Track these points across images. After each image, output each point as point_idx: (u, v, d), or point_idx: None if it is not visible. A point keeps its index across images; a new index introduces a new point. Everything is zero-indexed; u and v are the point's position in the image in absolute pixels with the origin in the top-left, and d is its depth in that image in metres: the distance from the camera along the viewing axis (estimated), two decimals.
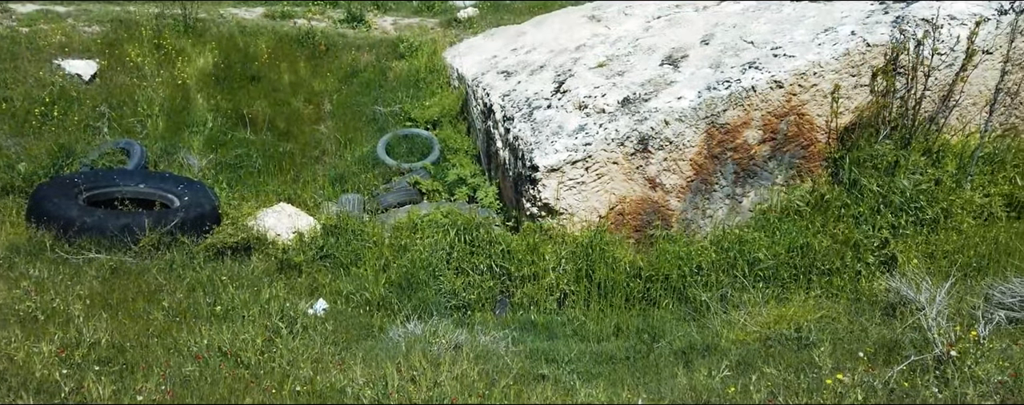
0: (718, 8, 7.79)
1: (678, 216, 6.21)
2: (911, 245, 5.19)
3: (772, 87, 6.03)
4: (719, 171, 6.20)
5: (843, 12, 6.61)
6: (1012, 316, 3.84)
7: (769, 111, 6.06)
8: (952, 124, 6.04)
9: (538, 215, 6.24)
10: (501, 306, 5.76)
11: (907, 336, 3.74)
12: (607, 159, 6.10)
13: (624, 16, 8.44)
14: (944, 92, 5.97)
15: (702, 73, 6.43)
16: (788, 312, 4.61)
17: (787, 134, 6.12)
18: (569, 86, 6.87)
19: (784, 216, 5.86)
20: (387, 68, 8.83)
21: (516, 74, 7.58)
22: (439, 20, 10.55)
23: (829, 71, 5.99)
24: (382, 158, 7.61)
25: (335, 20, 10.27)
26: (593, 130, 6.20)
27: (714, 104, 6.04)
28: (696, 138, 6.08)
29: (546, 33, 8.57)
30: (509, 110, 6.96)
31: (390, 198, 7.10)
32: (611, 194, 6.13)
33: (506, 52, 8.32)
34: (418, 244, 6.07)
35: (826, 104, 6.03)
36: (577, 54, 7.57)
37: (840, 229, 5.49)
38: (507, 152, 6.81)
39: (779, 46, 6.37)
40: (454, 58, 8.66)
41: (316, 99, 8.39)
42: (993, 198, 5.52)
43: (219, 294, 5.07)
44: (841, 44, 6.07)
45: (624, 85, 6.60)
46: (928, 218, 5.40)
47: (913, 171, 5.65)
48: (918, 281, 4.28)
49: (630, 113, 6.24)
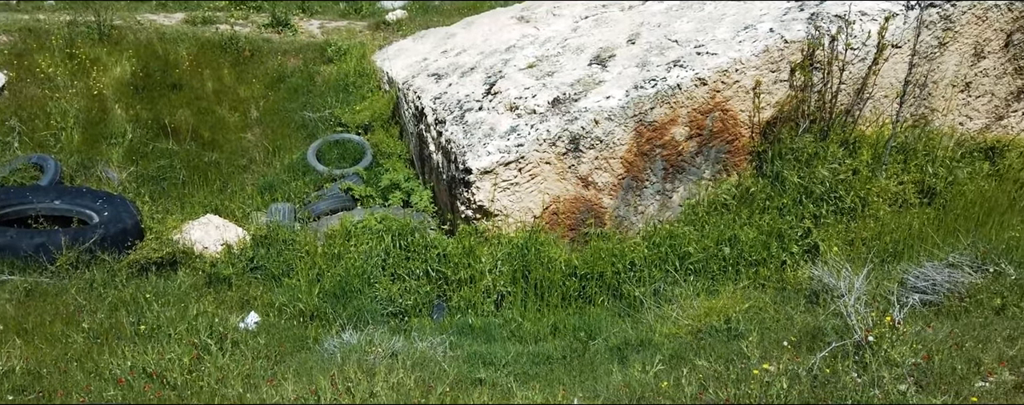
0: (643, 8, 7.91)
1: (611, 214, 6.29)
2: (832, 233, 5.39)
3: (697, 85, 6.16)
4: (649, 168, 6.30)
5: (762, 10, 6.80)
6: (925, 299, 4.03)
7: (695, 108, 6.19)
8: (866, 116, 6.28)
9: (473, 217, 6.23)
10: (438, 310, 5.73)
11: (829, 323, 3.88)
12: (540, 159, 6.14)
13: (553, 17, 8.50)
14: (858, 85, 6.21)
15: (629, 72, 6.53)
16: (718, 304, 4.72)
17: (713, 130, 6.26)
18: (500, 88, 6.88)
19: (712, 210, 6.00)
20: (315, 73, 8.67)
21: (447, 76, 7.54)
22: (367, 23, 10.41)
23: (750, 68, 6.16)
24: (313, 165, 7.47)
25: (259, 25, 10.01)
26: (525, 131, 6.23)
27: (642, 102, 6.14)
28: (626, 136, 6.17)
29: (476, 34, 8.56)
30: (441, 113, 6.93)
31: (322, 206, 6.97)
32: (545, 194, 6.17)
33: (436, 54, 8.28)
34: (352, 251, 5.99)
35: (748, 100, 6.20)
36: (507, 55, 7.58)
37: (765, 220, 5.67)
38: (440, 155, 6.78)
39: (702, 44, 6.51)
40: (384, 61, 8.56)
41: (242, 106, 8.18)
42: (906, 186, 5.77)
43: (143, 312, 4.89)
44: (760, 41, 6.25)
45: (554, 85, 6.65)
46: (847, 207, 5.61)
47: (831, 162, 5.86)
48: (838, 268, 4.45)
49: (561, 113, 6.29)
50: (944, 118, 6.33)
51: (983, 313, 3.71)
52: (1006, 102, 6.59)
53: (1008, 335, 3.30)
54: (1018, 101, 6.61)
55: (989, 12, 6.25)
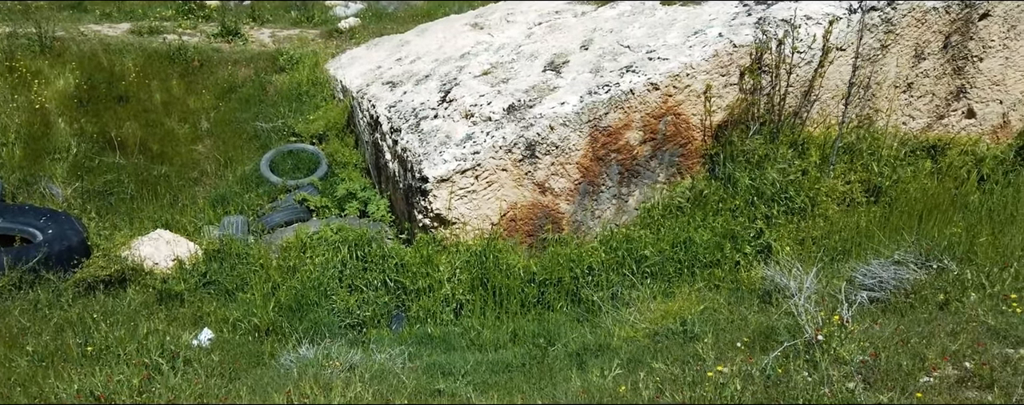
0: (596, 14, 7.98)
1: (568, 218, 6.32)
2: (784, 233, 5.50)
3: (649, 89, 6.23)
4: (605, 172, 6.35)
5: (711, 15, 6.91)
6: (873, 296, 4.13)
7: (648, 112, 6.26)
8: (814, 117, 6.43)
9: (431, 226, 6.20)
10: (397, 321, 5.68)
11: (782, 322, 3.95)
12: (496, 166, 6.14)
13: (507, 23, 8.51)
14: (805, 87, 6.35)
15: (583, 78, 6.57)
16: (674, 306, 4.77)
17: (666, 134, 6.34)
18: (455, 95, 6.86)
19: (667, 213, 6.07)
20: (267, 82, 8.54)
21: (401, 84, 7.50)
22: (320, 31, 10.30)
23: (701, 72, 6.26)
24: (266, 176, 7.35)
25: (209, 34, 9.83)
26: (481, 138, 6.22)
27: (596, 108, 6.19)
28: (581, 142, 6.21)
29: (430, 42, 8.53)
30: (396, 121, 6.88)
31: (276, 217, 6.87)
32: (502, 201, 6.17)
33: (390, 62, 8.22)
34: (308, 263, 5.91)
35: (700, 104, 6.29)
36: (462, 62, 7.57)
37: (719, 222, 5.75)
38: (396, 164, 6.73)
39: (654, 50, 6.59)
40: (337, 70, 8.48)
41: (192, 118, 8.01)
42: (853, 185, 5.92)
43: (90, 333, 4.74)
44: (710, 46, 6.35)
45: (509, 92, 6.66)
46: (797, 207, 5.73)
47: (781, 163, 5.98)
48: (790, 268, 4.54)
49: (516, 120, 6.30)
50: (888, 118, 6.50)
51: (928, 309, 3.82)
52: (946, 102, 6.80)
53: (951, 330, 3.40)
54: (957, 100, 6.83)
55: (928, 15, 6.45)
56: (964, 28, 6.59)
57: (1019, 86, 6.91)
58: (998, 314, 3.46)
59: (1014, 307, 3.45)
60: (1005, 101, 6.92)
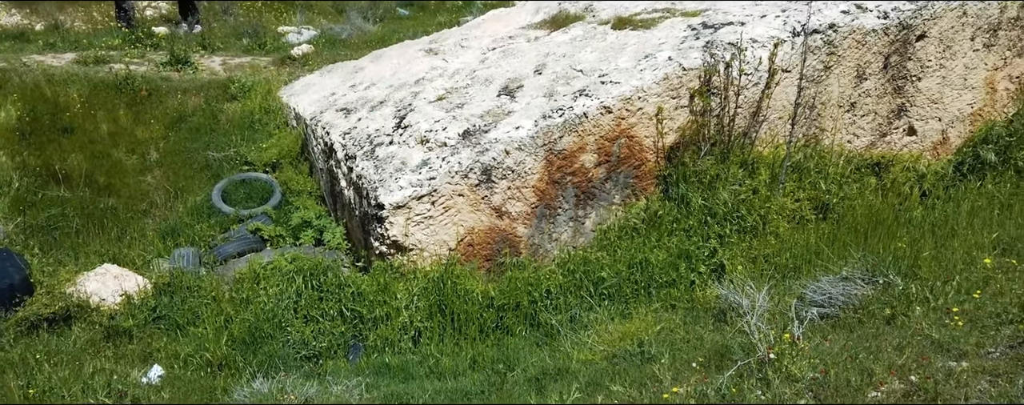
0: (548, 39, 8.08)
1: (526, 242, 6.33)
2: (736, 252, 5.58)
3: (602, 113, 6.31)
4: (561, 196, 6.39)
5: (661, 39, 7.05)
6: (823, 312, 4.21)
7: (602, 135, 6.34)
8: (763, 137, 6.57)
9: (388, 253, 6.15)
10: (354, 351, 5.60)
11: (736, 340, 4.00)
12: (453, 192, 6.13)
13: (461, 49, 8.56)
14: (753, 108, 6.50)
15: (537, 102, 6.63)
16: (631, 328, 4.80)
17: (620, 156, 6.42)
18: (410, 121, 6.86)
19: (623, 234, 6.13)
20: (218, 111, 8.41)
21: (356, 111, 7.47)
22: (272, 58, 10.21)
23: (652, 95, 6.36)
24: (218, 206, 7.21)
25: (157, 63, 9.67)
26: (437, 164, 6.21)
27: (551, 132, 6.24)
28: (537, 165, 6.24)
29: (384, 68, 8.53)
30: (351, 148, 6.84)
31: (229, 248, 6.73)
32: (459, 226, 6.16)
33: (344, 89, 8.19)
34: (262, 295, 5.80)
35: (652, 126, 6.39)
36: (416, 88, 7.58)
37: (673, 242, 5.82)
38: (352, 191, 6.68)
39: (606, 73, 6.69)
40: (290, 97, 8.41)
41: (140, 148, 7.84)
42: (802, 202, 6.06)
43: (33, 375, 4.57)
44: (660, 69, 6.47)
45: (464, 117, 6.68)
46: (749, 225, 5.84)
47: (732, 183, 6.09)
48: (743, 286, 4.60)
49: (472, 145, 6.31)
50: (833, 137, 6.69)
51: (875, 323, 3.90)
52: (888, 120, 7.02)
53: (897, 344, 3.48)
54: (899, 118, 7.06)
55: (867, 37, 6.68)
56: (902, 49, 6.84)
57: (956, 104, 7.18)
58: (941, 327, 3.55)
59: (956, 320, 3.55)
60: (944, 118, 7.17)
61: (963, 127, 7.24)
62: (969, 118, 7.24)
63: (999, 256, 4.31)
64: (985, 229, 5.03)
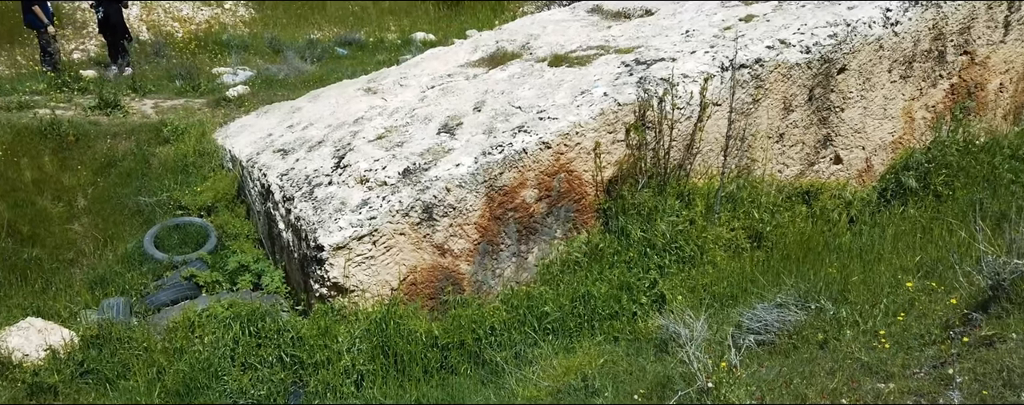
0: (487, 76, 8.18)
1: (469, 279, 6.31)
2: (676, 282, 5.67)
3: (541, 148, 6.38)
4: (503, 231, 6.40)
5: (596, 76, 7.21)
6: (760, 339, 4.30)
7: (542, 171, 6.40)
8: (697, 168, 6.75)
9: (328, 296, 6.03)
10: (295, 398, 5.44)
11: (677, 370, 4.04)
12: (394, 231, 6.08)
13: (400, 87, 8.58)
14: (687, 141, 6.68)
15: (477, 139, 6.67)
16: (575, 362, 4.80)
17: (560, 191, 6.49)
18: (349, 160, 6.81)
19: (565, 268, 6.16)
20: (150, 155, 8.20)
21: (294, 152, 7.38)
22: (207, 100, 10.04)
23: (589, 130, 6.48)
24: (150, 253, 6.98)
25: (85, 107, 9.39)
26: (377, 203, 6.17)
27: (491, 168, 6.28)
28: (478, 202, 6.25)
29: (323, 107, 8.48)
30: (289, 190, 6.74)
31: (162, 296, 6.51)
32: (401, 265, 6.10)
33: (282, 129, 8.10)
34: (197, 344, 5.61)
35: (591, 160, 6.50)
36: (356, 127, 7.55)
37: (615, 275, 5.88)
38: (290, 233, 6.56)
39: (544, 110, 6.79)
40: (226, 139, 8.26)
41: (67, 195, 7.56)
42: (737, 232, 6.21)
43: None
44: (597, 105, 6.60)
45: (404, 156, 6.67)
46: (687, 256, 5.95)
47: (670, 214, 6.21)
48: (683, 316, 4.67)
49: (412, 183, 6.29)
50: (764, 167, 6.91)
51: (809, 348, 4.00)
52: (815, 149, 7.30)
53: (830, 368, 3.58)
54: (825, 148, 7.35)
55: (792, 70, 6.97)
56: (825, 82, 7.15)
57: (878, 133, 7.52)
58: (870, 350, 3.67)
59: (884, 343, 3.67)
60: (867, 147, 7.50)
61: (885, 155, 7.58)
62: (890, 146, 7.58)
63: (922, 278, 4.49)
64: (909, 253, 5.24)
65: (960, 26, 7.65)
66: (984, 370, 3.05)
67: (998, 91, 8.08)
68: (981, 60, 7.86)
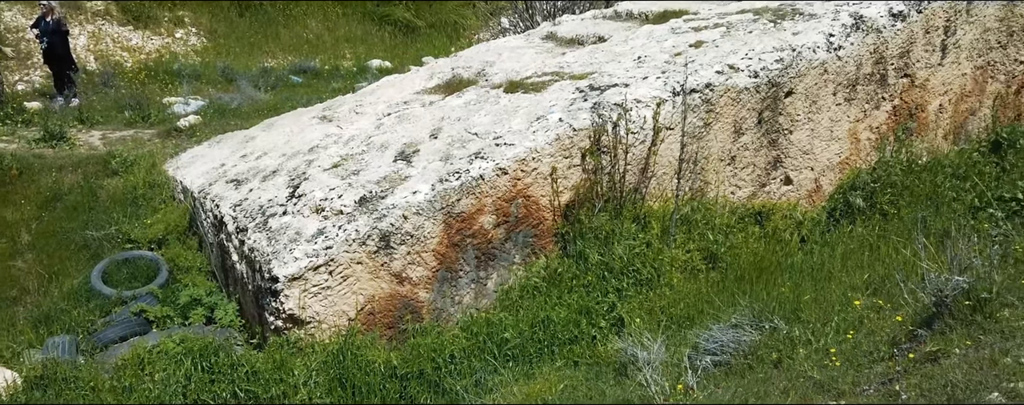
0: (443, 103, 8.20)
1: (428, 307, 6.26)
2: (634, 305, 5.71)
3: (499, 174, 6.41)
4: (462, 258, 6.38)
5: (551, 102, 7.29)
6: (716, 360, 4.35)
7: (499, 196, 6.42)
8: (652, 192, 6.84)
9: (284, 328, 5.92)
10: None
11: (635, 393, 4.06)
12: (350, 260, 6.01)
13: (355, 115, 8.55)
14: (642, 165, 6.77)
15: (434, 166, 6.67)
16: (536, 388, 4.78)
17: (518, 216, 6.50)
18: (305, 190, 6.74)
19: (525, 293, 6.16)
20: (98, 187, 7.99)
21: (247, 182, 7.28)
22: (157, 130, 9.86)
23: (545, 155, 6.53)
24: (98, 288, 6.78)
25: (29, 140, 9.14)
26: (333, 233, 6.10)
27: (449, 195, 6.27)
28: (436, 229, 6.23)
29: (277, 136, 8.39)
30: (242, 220, 6.63)
31: (110, 333, 6.31)
32: (359, 295, 6.02)
33: (235, 159, 7.98)
34: (147, 382, 5.44)
35: (547, 185, 6.54)
36: (311, 156, 7.48)
37: (574, 299, 5.90)
38: (244, 265, 6.44)
39: (500, 136, 6.83)
40: (177, 170, 8.11)
41: (10, 231, 7.32)
42: (693, 253, 6.30)
43: None
44: (552, 130, 6.66)
45: (360, 184, 6.63)
46: (645, 278, 6.00)
47: (627, 238, 6.27)
48: (641, 338, 4.70)
49: (369, 212, 6.25)
50: (717, 189, 7.03)
51: (764, 368, 4.06)
52: (766, 171, 7.47)
53: (783, 387, 3.63)
54: (775, 169, 7.52)
55: (741, 94, 7.14)
56: (774, 105, 7.34)
57: (825, 154, 7.73)
58: (822, 368, 3.73)
59: (834, 360, 3.74)
60: (815, 168, 7.70)
61: (833, 175, 7.79)
62: (838, 167, 7.80)
63: (870, 296, 4.60)
64: (857, 271, 5.38)
65: (900, 50, 7.95)
66: (929, 385, 3.13)
67: (938, 112, 8.39)
68: (921, 82, 8.17)
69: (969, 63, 8.44)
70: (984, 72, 8.61)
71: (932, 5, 8.03)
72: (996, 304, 3.46)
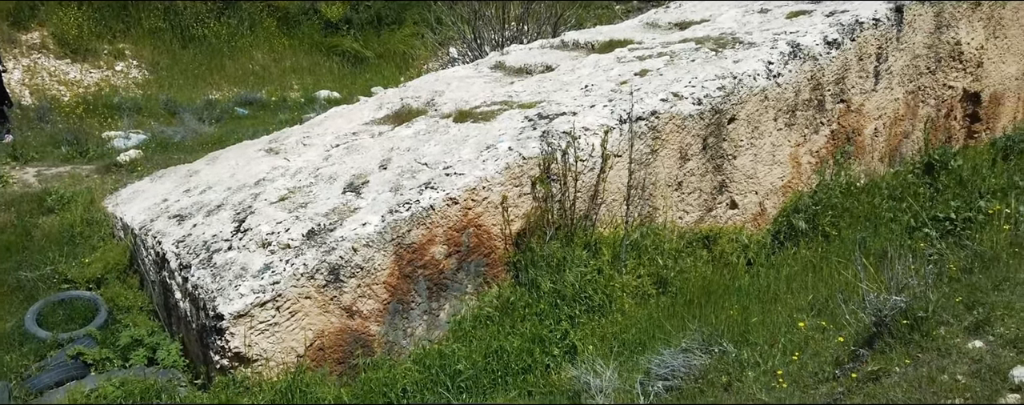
0: (393, 133, 8.17)
1: (380, 340, 6.16)
2: (587, 332, 5.72)
3: (449, 204, 6.39)
4: (414, 289, 6.32)
5: (500, 131, 7.32)
6: (668, 385, 4.37)
7: (450, 226, 6.39)
8: (603, 218, 6.90)
9: (230, 367, 5.75)
10: None
11: None
12: (299, 295, 5.90)
13: (303, 147, 8.45)
14: (592, 192, 6.84)
15: (384, 197, 6.62)
16: None
17: (470, 246, 6.48)
18: (251, 224, 6.61)
19: (478, 323, 6.12)
20: (32, 226, 7.69)
21: (191, 217, 7.10)
22: (96, 166, 9.56)
23: (496, 184, 6.55)
24: (32, 332, 6.49)
25: None
26: (280, 267, 5.98)
27: (399, 226, 6.22)
28: (386, 261, 6.17)
29: (222, 170, 8.23)
30: (185, 257, 6.45)
31: (45, 378, 6.03)
32: (308, 330, 5.90)
33: (178, 194, 7.79)
34: None
35: (498, 214, 6.55)
36: (257, 189, 7.35)
37: (527, 327, 5.88)
38: (188, 303, 6.25)
39: (450, 165, 6.82)
40: (117, 206, 7.87)
41: None
42: (644, 279, 6.36)
43: None
44: (502, 159, 6.69)
45: (308, 217, 6.53)
46: (597, 305, 6.03)
47: (578, 265, 6.30)
48: (594, 365, 4.70)
49: (317, 245, 6.15)
50: (665, 214, 7.14)
51: (714, 392, 4.10)
52: (712, 195, 7.62)
53: None
54: (721, 194, 7.68)
55: (686, 121, 7.30)
56: (717, 131, 7.52)
57: (769, 178, 7.93)
58: (769, 390, 3.78)
59: (781, 382, 3.80)
60: (759, 192, 7.88)
61: (777, 199, 7.99)
62: (781, 190, 8.00)
63: (814, 317, 4.70)
64: (802, 292, 5.50)
65: (835, 77, 8.26)
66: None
67: (874, 136, 8.71)
68: (856, 107, 8.48)
69: (901, 88, 8.80)
70: (915, 96, 8.99)
71: (864, 33, 8.38)
72: (932, 322, 3.57)
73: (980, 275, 4.51)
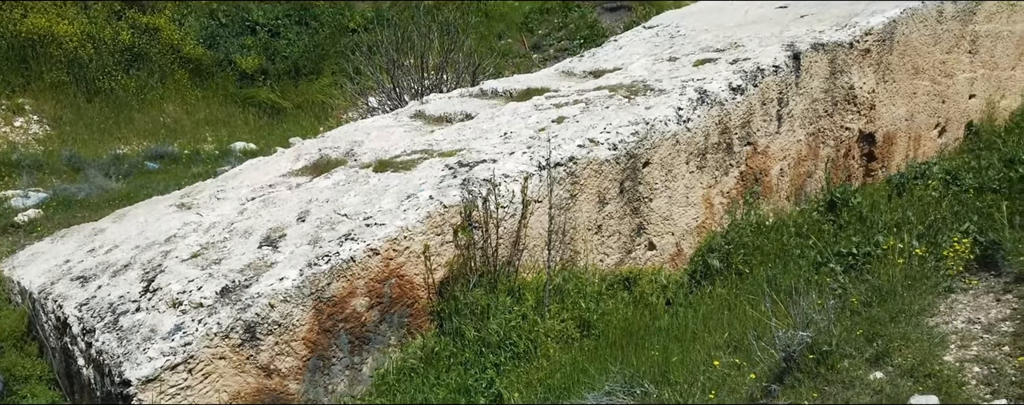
0: (311, 185, 8.05)
1: (300, 399, 5.95)
2: (513, 379, 5.69)
3: (370, 255, 6.31)
4: (335, 344, 6.16)
5: (421, 180, 7.32)
6: None
7: (371, 277, 6.30)
8: (525, 264, 6.94)
9: None
10: None
11: None
12: (212, 355, 5.66)
13: (217, 201, 8.21)
14: (513, 238, 6.89)
15: (302, 250, 6.48)
16: None
17: (392, 297, 6.39)
18: (160, 283, 6.34)
19: (402, 376, 6.00)
20: None
21: (96, 278, 6.76)
22: None
23: (417, 233, 6.51)
24: None
25: None
26: (192, 327, 5.74)
27: (318, 279, 6.09)
28: (305, 316, 6.01)
29: (130, 227, 7.89)
30: (89, 321, 6.12)
31: None
32: (223, 392, 5.65)
33: (82, 254, 7.41)
34: None
35: (421, 264, 6.50)
36: (167, 246, 7.08)
37: (452, 378, 5.81)
38: (92, 370, 5.90)
39: (371, 216, 6.76)
40: (14, 269, 7.42)
41: None
42: (567, 323, 6.40)
43: None
44: (423, 208, 6.68)
45: (222, 274, 6.32)
46: (522, 351, 6.02)
47: (502, 311, 6.30)
48: None
49: (231, 303, 5.94)
50: (586, 258, 7.25)
51: None
52: (631, 238, 7.79)
53: None
54: (639, 236, 7.86)
55: (603, 166, 7.48)
56: (633, 175, 7.73)
57: (684, 219, 8.19)
58: None
59: None
60: (676, 232, 8.12)
61: (693, 239, 8.24)
62: (696, 230, 8.26)
63: (730, 354, 4.83)
64: (718, 330, 5.64)
65: (741, 120, 8.67)
66: None
67: (780, 176, 9.14)
68: (762, 149, 8.90)
69: (802, 130, 9.31)
70: (816, 138, 9.52)
71: (766, 79, 8.86)
72: (837, 356, 3.72)
73: (878, 308, 4.75)
